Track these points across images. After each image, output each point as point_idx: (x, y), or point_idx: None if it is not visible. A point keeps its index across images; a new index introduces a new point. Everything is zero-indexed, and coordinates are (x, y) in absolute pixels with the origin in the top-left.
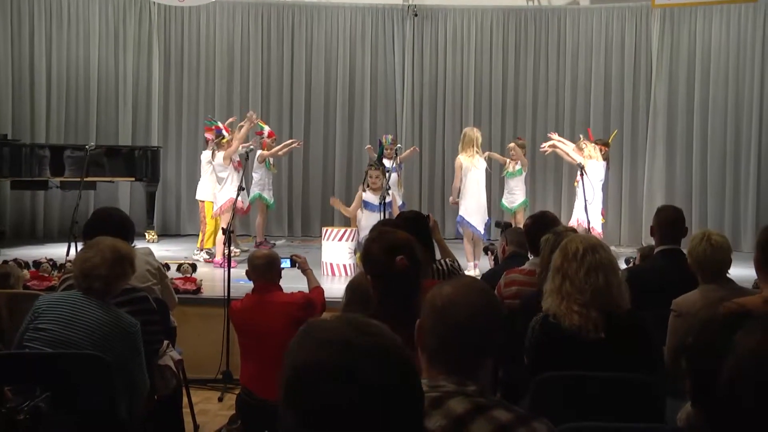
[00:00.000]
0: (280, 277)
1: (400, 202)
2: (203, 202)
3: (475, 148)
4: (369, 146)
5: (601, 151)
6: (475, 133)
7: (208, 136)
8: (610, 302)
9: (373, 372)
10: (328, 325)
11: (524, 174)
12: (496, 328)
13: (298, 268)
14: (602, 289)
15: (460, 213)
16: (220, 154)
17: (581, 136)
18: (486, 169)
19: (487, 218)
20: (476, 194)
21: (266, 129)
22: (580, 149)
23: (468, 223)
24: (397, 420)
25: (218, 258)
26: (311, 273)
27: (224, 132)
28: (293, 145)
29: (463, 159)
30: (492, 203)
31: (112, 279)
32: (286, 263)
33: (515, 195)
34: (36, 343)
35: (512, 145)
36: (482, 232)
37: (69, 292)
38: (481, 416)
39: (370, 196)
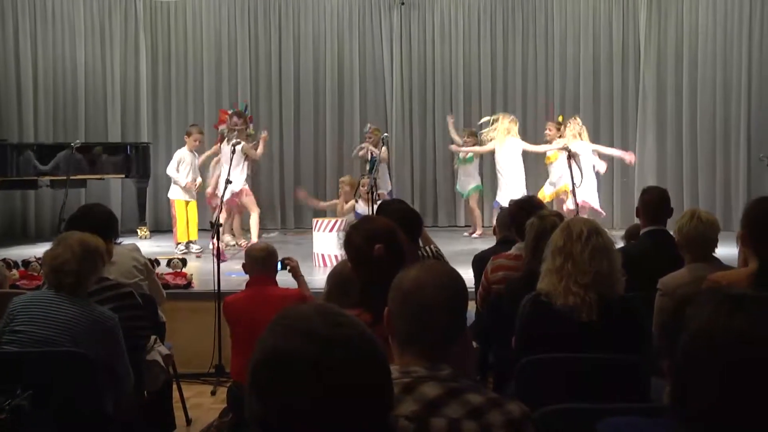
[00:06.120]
0: (277, 271)
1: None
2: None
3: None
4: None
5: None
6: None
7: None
8: (609, 286)
9: (340, 365)
10: (302, 313)
11: (475, 161)
12: (464, 307)
13: (288, 271)
14: (604, 273)
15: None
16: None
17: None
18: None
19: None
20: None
21: None
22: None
23: None
24: (362, 414)
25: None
26: (303, 280)
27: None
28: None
29: None
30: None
31: (83, 273)
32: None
33: (466, 180)
34: (14, 345)
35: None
36: None
37: (41, 291)
38: (454, 400)
39: (362, 207)
